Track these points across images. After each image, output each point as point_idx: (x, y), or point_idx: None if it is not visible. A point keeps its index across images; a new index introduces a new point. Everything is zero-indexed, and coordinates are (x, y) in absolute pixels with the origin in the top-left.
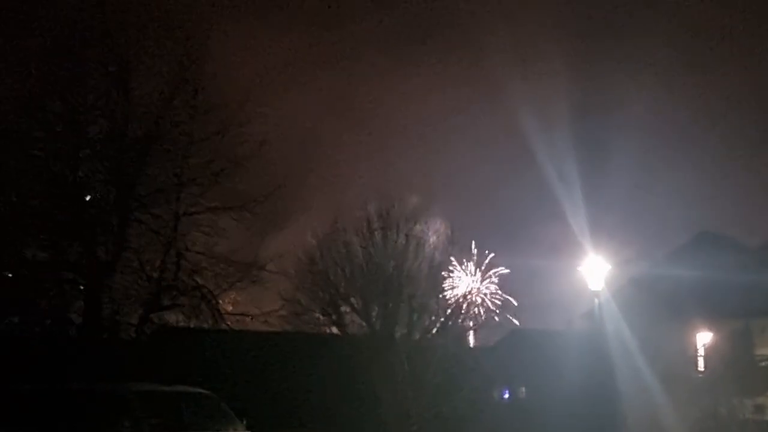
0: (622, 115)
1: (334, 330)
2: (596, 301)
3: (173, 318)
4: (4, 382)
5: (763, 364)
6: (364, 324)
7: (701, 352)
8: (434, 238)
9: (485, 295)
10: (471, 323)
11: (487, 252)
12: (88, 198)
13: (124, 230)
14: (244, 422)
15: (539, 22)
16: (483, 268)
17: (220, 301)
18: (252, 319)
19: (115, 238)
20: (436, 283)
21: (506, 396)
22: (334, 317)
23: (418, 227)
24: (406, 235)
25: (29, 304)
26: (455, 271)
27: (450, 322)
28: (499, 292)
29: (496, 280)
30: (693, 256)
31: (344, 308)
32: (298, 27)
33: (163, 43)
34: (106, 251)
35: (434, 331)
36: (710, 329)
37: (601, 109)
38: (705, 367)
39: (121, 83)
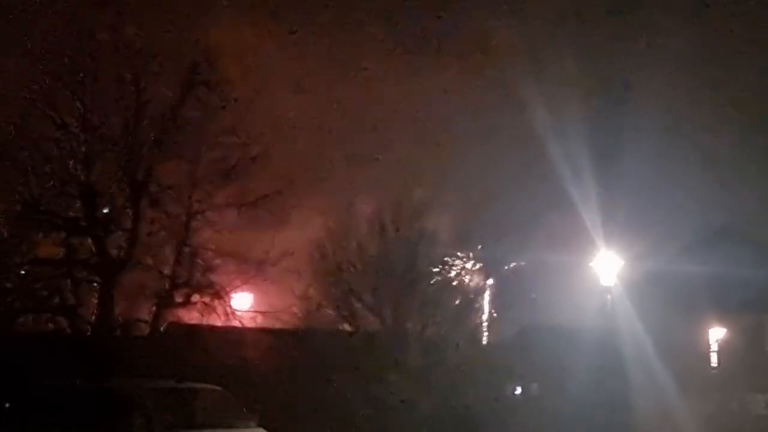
0: (637, 108)
1: (347, 326)
2: (608, 296)
3: (186, 315)
4: (17, 380)
5: None
6: (377, 320)
7: (714, 347)
8: (446, 234)
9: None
10: (482, 319)
11: (497, 248)
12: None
13: (137, 228)
14: (257, 419)
15: (554, 19)
16: (494, 263)
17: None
18: (264, 315)
19: (128, 235)
20: (448, 280)
21: (518, 392)
22: (346, 314)
23: (429, 223)
24: (419, 232)
25: (43, 302)
26: (467, 267)
27: (462, 319)
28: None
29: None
30: (706, 252)
31: (357, 305)
32: (311, 28)
33: (175, 42)
34: (119, 249)
35: (446, 327)
36: (723, 325)
37: (615, 103)
38: (718, 362)
39: (133, 81)
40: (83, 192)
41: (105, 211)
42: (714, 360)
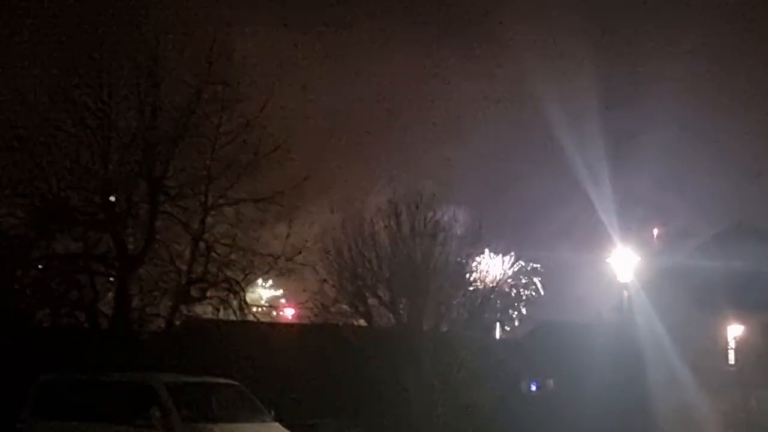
0: (652, 104)
1: (362, 322)
2: (625, 293)
3: (202, 310)
4: (36, 374)
5: None
6: (391, 316)
7: (732, 344)
8: (461, 230)
9: (511, 287)
10: (498, 315)
11: (512, 245)
12: (114, 197)
13: (154, 223)
14: (272, 413)
15: (564, 16)
16: (510, 260)
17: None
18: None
19: (145, 230)
20: (463, 276)
21: (534, 388)
22: (361, 309)
23: (444, 219)
24: (433, 228)
25: (60, 297)
26: (482, 264)
27: (477, 315)
28: (522, 289)
29: (524, 273)
30: (724, 248)
31: (372, 300)
32: (323, 25)
33: (190, 38)
34: (135, 244)
35: (461, 323)
36: (741, 322)
37: (630, 100)
38: (736, 359)
39: (150, 76)
40: (101, 187)
41: (122, 205)
42: (732, 357)
